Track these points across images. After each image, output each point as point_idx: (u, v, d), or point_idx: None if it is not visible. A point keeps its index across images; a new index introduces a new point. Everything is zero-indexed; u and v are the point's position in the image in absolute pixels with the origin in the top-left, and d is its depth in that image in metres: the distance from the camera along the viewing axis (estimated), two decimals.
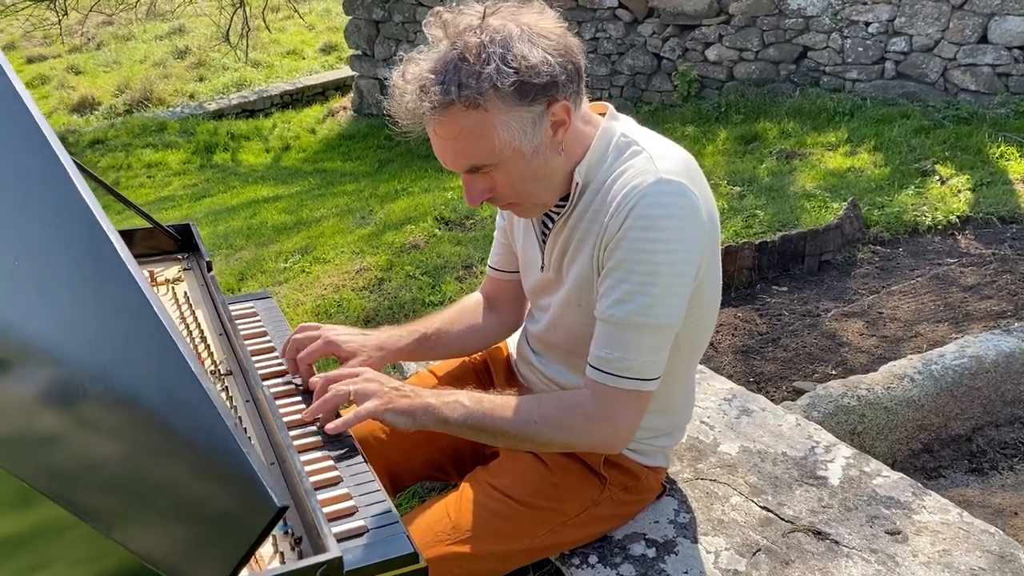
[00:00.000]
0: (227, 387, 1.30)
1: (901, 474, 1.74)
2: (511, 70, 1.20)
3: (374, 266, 4.20)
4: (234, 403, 1.26)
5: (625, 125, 1.38)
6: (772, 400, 2.89)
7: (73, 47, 14.32)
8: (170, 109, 10.94)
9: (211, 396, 0.77)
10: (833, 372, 3.11)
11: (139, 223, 1.72)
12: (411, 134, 1.28)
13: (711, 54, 7.16)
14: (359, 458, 1.24)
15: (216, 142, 9.33)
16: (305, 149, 9.15)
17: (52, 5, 9.80)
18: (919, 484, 1.71)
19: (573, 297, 1.42)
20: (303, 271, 4.33)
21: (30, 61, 14.01)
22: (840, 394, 2.43)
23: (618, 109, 1.43)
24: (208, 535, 0.75)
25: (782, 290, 3.83)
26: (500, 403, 1.35)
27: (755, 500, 1.68)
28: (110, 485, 0.78)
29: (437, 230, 4.63)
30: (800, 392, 2.92)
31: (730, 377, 3.08)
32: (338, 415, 1.29)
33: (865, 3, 6.35)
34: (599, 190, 1.33)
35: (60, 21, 10.02)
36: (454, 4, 1.29)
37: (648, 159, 1.29)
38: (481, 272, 3.99)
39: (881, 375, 2.54)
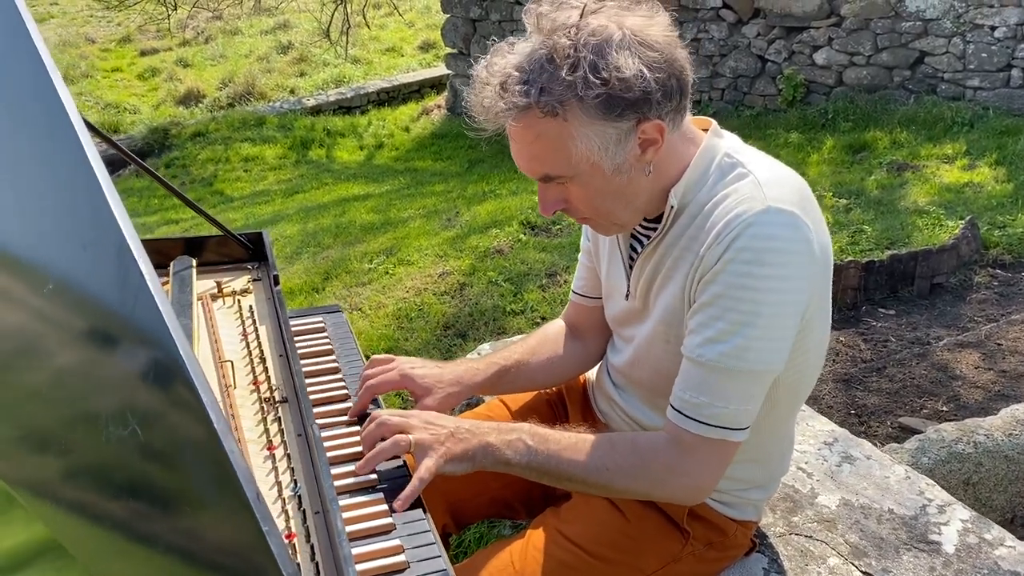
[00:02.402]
0: (279, 417, 1.21)
1: None
2: (599, 81, 1.07)
3: (457, 270, 4.12)
4: (284, 437, 1.17)
5: (730, 143, 1.24)
6: (875, 437, 2.67)
7: (183, 41, 14.84)
8: (270, 104, 11.18)
9: (234, 462, 0.67)
10: (944, 408, 2.86)
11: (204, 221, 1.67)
12: (484, 132, 1.16)
13: (819, 58, 6.83)
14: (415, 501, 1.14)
15: (312, 138, 9.47)
16: (398, 147, 9.19)
17: None
18: None
19: (660, 331, 1.28)
20: (387, 272, 4.29)
21: (143, 54, 14.57)
22: (954, 439, 2.21)
23: (718, 113, 1.28)
24: None
25: (889, 314, 3.56)
26: (567, 444, 1.22)
27: (856, 563, 1.50)
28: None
29: (522, 235, 4.52)
30: (907, 429, 2.69)
31: (829, 408, 2.87)
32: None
33: (992, 6, 5.93)
34: (696, 215, 1.19)
35: (169, 16, 10.36)
36: None
37: (755, 184, 1.14)
38: (565, 281, 3.86)
39: (1002, 419, 2.30)
